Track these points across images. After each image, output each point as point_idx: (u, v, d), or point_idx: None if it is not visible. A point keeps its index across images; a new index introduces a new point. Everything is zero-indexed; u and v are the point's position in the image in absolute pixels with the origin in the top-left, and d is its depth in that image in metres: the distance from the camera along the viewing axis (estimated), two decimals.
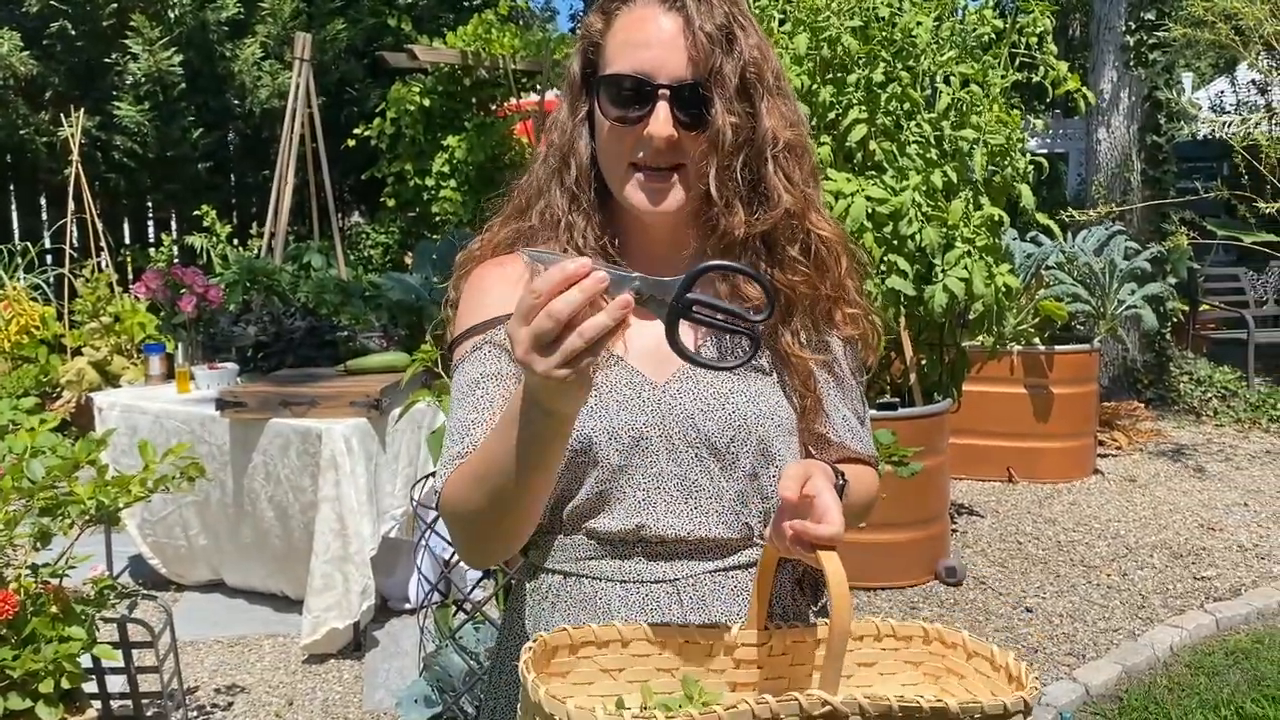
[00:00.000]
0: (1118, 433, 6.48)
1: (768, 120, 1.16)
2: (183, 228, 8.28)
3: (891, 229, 4.07)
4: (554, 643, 1.05)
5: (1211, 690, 3.35)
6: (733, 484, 1.17)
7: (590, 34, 1.21)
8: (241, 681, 3.48)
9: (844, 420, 1.25)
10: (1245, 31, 6.02)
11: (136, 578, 4.21)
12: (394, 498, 3.77)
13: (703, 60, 1.12)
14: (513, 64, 7.50)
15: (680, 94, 1.12)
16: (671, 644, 1.09)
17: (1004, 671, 1.10)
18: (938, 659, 1.17)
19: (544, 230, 1.23)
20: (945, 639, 1.16)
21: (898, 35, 4.30)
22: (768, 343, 1.21)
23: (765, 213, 1.17)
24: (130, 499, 2.71)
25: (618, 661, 1.08)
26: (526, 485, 1.05)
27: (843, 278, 1.24)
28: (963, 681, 1.14)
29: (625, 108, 1.14)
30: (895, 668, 1.17)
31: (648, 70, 1.13)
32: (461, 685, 2.45)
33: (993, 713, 0.98)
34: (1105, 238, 6.49)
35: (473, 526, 1.13)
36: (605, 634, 1.07)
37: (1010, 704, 0.99)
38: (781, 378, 1.21)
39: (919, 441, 4.01)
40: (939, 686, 1.16)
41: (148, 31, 7.58)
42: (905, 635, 1.17)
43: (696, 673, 1.09)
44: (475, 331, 1.21)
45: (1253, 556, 4.55)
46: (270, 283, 5.04)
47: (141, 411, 3.98)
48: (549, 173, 1.24)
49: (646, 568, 1.17)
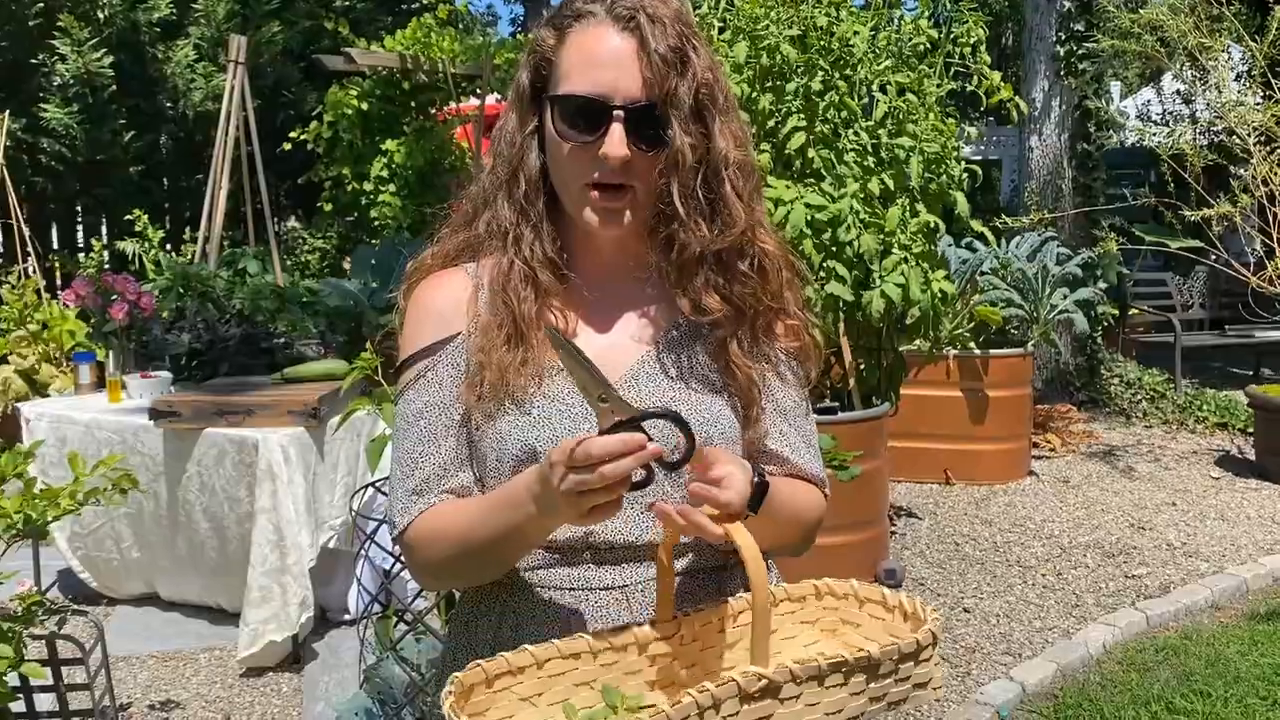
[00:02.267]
0: (1051, 435, 6.61)
1: (720, 140, 1.17)
2: (114, 233, 8.11)
3: (830, 236, 4.11)
4: (469, 680, 1.04)
5: (1143, 686, 3.43)
6: (679, 490, 1.18)
7: (542, 48, 1.21)
8: (177, 697, 3.41)
9: (790, 440, 1.28)
10: (1170, 43, 6.18)
11: (66, 593, 4.10)
12: (333, 507, 3.72)
13: (658, 82, 1.13)
14: (452, 68, 7.46)
15: (635, 115, 1.13)
16: (585, 656, 1.09)
17: (898, 612, 1.15)
18: (831, 613, 1.20)
19: (490, 240, 1.23)
20: (836, 591, 1.20)
21: (835, 44, 4.35)
22: (716, 355, 1.23)
23: (726, 230, 1.19)
24: (59, 512, 2.64)
25: (535, 687, 1.08)
26: (503, 561, 1.17)
27: (783, 290, 1.26)
28: (859, 630, 1.18)
29: (579, 127, 1.15)
30: (794, 630, 1.20)
31: (603, 91, 1.14)
32: (403, 697, 2.42)
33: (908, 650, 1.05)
34: (1038, 244, 6.62)
35: (440, 573, 1.24)
36: (519, 660, 1.07)
37: (922, 639, 1.06)
38: (727, 388, 1.23)
39: (858, 445, 4.06)
40: (838, 639, 1.19)
41: (76, 32, 7.41)
42: (799, 596, 1.21)
43: (614, 679, 1.09)
44: (419, 357, 1.22)
45: (1181, 555, 4.67)
46: (205, 289, 4.95)
47: (71, 422, 3.89)
48: (496, 184, 1.24)
49: (596, 574, 1.18)
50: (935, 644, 1.07)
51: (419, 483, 1.19)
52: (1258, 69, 5.77)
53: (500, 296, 1.20)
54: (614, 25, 1.14)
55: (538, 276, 1.20)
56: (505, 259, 1.21)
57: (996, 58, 9.02)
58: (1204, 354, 8.69)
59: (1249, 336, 8.57)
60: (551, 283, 1.21)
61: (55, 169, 7.73)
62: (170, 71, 8.01)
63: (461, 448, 1.20)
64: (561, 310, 1.22)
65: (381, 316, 5.28)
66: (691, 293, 1.21)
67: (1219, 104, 6.12)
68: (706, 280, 1.21)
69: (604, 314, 1.24)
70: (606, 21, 1.15)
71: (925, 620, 1.09)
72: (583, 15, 1.17)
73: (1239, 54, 7.32)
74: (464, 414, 1.20)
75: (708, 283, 1.21)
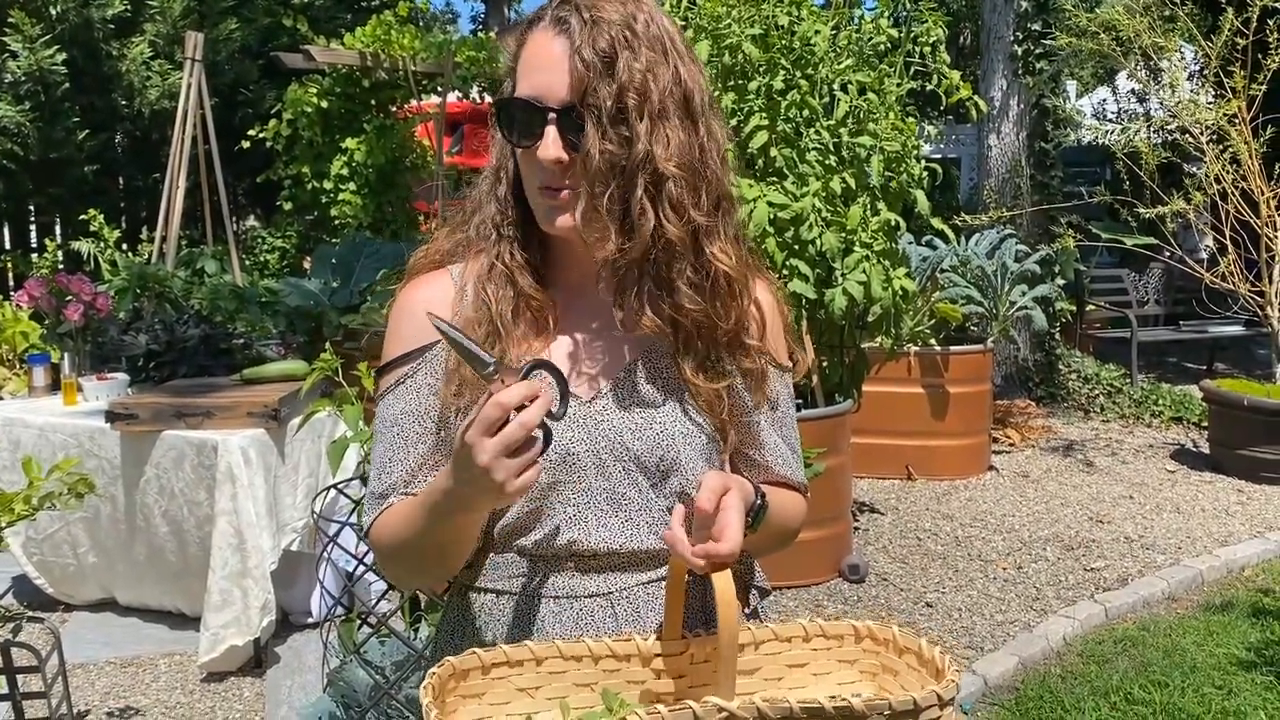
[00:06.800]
0: (1011, 430, 6.69)
1: (646, 145, 1.12)
2: (68, 233, 7.97)
3: (793, 234, 4.14)
4: (464, 666, 1.04)
5: (1102, 678, 3.48)
6: (661, 498, 1.19)
7: (510, 56, 1.23)
8: (136, 703, 3.37)
9: (774, 446, 1.29)
10: (1125, 42, 6.27)
11: (21, 599, 4.03)
12: (294, 510, 3.69)
13: (578, 84, 1.12)
14: (413, 66, 7.41)
15: (565, 117, 1.13)
16: (587, 660, 1.09)
17: (931, 665, 1.07)
18: (871, 656, 1.15)
19: (478, 241, 1.25)
20: (876, 635, 1.15)
21: (797, 44, 4.38)
22: (669, 370, 1.22)
23: (633, 242, 1.14)
24: (13, 517, 2.60)
25: (534, 680, 1.07)
26: (443, 556, 1.19)
27: (744, 315, 1.22)
28: (898, 678, 1.12)
29: (521, 131, 1.16)
30: (829, 667, 1.16)
31: (539, 94, 1.14)
32: (367, 700, 2.41)
33: (902, 709, 0.94)
34: (997, 241, 6.69)
35: (397, 570, 1.28)
36: (517, 654, 1.06)
37: (920, 699, 0.95)
38: (692, 401, 1.22)
39: (822, 442, 4.09)
40: (876, 684, 1.14)
41: (28, 28, 7.28)
42: (835, 634, 1.16)
43: (617, 686, 1.09)
44: (400, 363, 1.23)
45: (1138, 547, 4.75)
46: (162, 289, 4.90)
47: (25, 425, 3.82)
48: (488, 184, 1.26)
49: (579, 582, 1.18)
50: (944, 705, 0.97)
51: (386, 486, 1.21)
52: (1210, 69, 5.87)
53: (480, 296, 1.21)
54: (553, 29, 1.15)
55: (516, 278, 1.21)
56: (486, 259, 1.23)
57: (955, 57, 9.10)
58: (1159, 349, 8.82)
59: (1203, 332, 8.71)
60: (530, 285, 1.21)
61: (7, 168, 7.58)
62: (125, 69, 7.89)
63: (433, 453, 1.21)
64: (539, 314, 1.21)
65: (342, 316, 5.25)
66: (626, 307, 1.18)
67: (1172, 103, 6.22)
68: (643, 294, 1.17)
69: (580, 320, 1.24)
70: (549, 27, 1.15)
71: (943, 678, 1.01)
72: (535, 21, 1.18)
73: (1191, 54, 7.44)
74: (441, 417, 1.21)
75: (646, 297, 1.17)
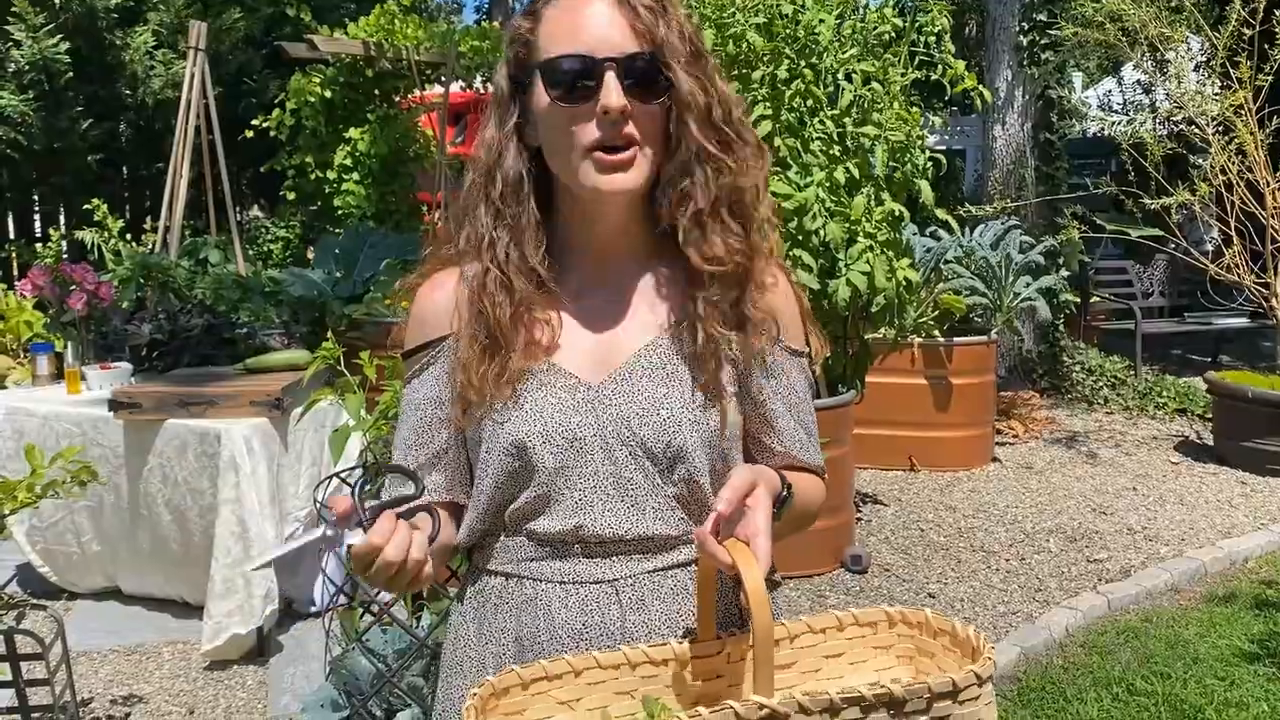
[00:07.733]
0: (1014, 421, 6.68)
1: (720, 82, 1.18)
2: (71, 222, 7.98)
3: (796, 224, 4.12)
4: (503, 684, 1.03)
5: (1104, 669, 3.47)
6: (669, 485, 1.18)
7: (518, 36, 1.20)
8: (139, 691, 3.38)
9: (791, 431, 1.28)
10: (1131, 33, 6.24)
11: (25, 587, 4.04)
12: (297, 499, 3.69)
13: (647, 32, 1.12)
14: (417, 55, 7.39)
15: (631, 65, 1.12)
16: (625, 667, 1.08)
17: (966, 644, 1.07)
18: (906, 641, 1.15)
19: (470, 253, 1.22)
20: (909, 619, 1.15)
21: (801, 33, 4.36)
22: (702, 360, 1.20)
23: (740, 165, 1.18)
24: (17, 505, 2.60)
25: (574, 692, 1.06)
26: None
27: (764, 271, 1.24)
28: (935, 660, 1.12)
29: (571, 88, 1.13)
30: (865, 654, 1.16)
31: (590, 48, 1.12)
32: (369, 688, 2.41)
33: (941, 689, 0.94)
34: (1001, 232, 6.67)
35: None
36: (555, 668, 1.06)
37: (959, 680, 0.95)
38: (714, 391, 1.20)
39: (825, 433, 4.03)
40: (914, 668, 1.14)
41: (31, 17, 7.28)
42: (868, 622, 1.16)
43: (656, 692, 1.07)
44: (420, 349, 1.25)
45: (1141, 539, 4.74)
46: (165, 279, 4.90)
47: (29, 414, 3.82)
48: (474, 192, 1.22)
49: (585, 568, 1.18)
50: (982, 683, 0.97)
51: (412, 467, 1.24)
52: (1216, 60, 5.84)
53: (476, 305, 1.19)
54: None
55: (513, 283, 1.18)
56: (480, 266, 1.20)
57: (960, 48, 9.08)
58: (1164, 341, 8.80)
59: (1208, 323, 8.69)
60: (528, 289, 1.19)
61: (11, 157, 7.59)
62: (129, 58, 7.89)
63: (450, 444, 1.23)
64: (541, 318, 1.20)
65: (345, 306, 5.25)
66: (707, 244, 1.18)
67: (1178, 94, 6.19)
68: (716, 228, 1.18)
69: (588, 307, 1.22)
70: None
71: (981, 654, 1.01)
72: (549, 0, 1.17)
73: (1198, 44, 7.41)
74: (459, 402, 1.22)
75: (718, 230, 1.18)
